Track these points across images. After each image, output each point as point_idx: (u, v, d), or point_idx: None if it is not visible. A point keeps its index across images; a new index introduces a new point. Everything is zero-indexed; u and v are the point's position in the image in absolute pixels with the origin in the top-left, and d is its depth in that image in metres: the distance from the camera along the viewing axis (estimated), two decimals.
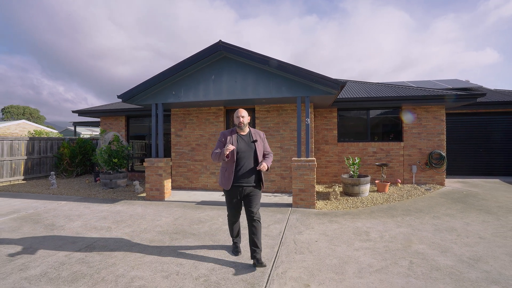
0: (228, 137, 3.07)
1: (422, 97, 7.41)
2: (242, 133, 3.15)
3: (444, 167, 7.68)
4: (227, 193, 3.14)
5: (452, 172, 9.08)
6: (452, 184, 7.79)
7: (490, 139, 9.00)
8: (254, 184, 3.10)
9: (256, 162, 3.10)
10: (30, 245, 3.69)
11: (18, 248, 3.60)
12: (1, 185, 8.66)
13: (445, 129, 7.81)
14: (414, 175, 7.83)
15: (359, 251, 3.45)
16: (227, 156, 2.98)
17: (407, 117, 7.94)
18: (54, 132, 20.74)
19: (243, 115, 3.13)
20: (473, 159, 9.09)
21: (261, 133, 3.29)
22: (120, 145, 8.37)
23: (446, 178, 8.60)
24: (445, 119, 8.96)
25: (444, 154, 7.60)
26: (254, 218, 3.06)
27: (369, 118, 8.24)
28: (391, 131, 8.25)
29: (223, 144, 3.08)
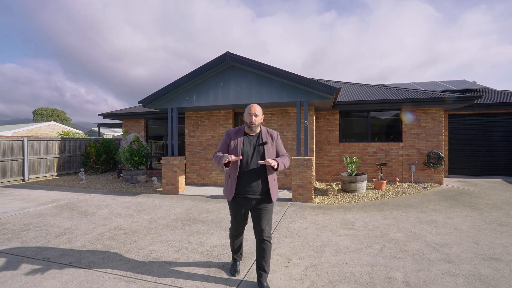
0: (232, 140, 2.59)
1: (419, 100, 7.74)
2: (251, 134, 2.64)
3: (443, 166, 7.95)
4: (230, 204, 2.69)
5: (455, 172, 9.28)
6: (451, 183, 8.05)
7: (494, 139, 9.11)
8: (262, 196, 2.57)
9: (265, 168, 2.57)
10: (70, 226, 4.54)
11: (61, 228, 4.46)
12: (39, 179, 9.86)
13: (443, 130, 8.08)
14: (412, 174, 8.16)
15: (341, 237, 4.01)
16: (227, 165, 2.51)
17: (406, 119, 8.28)
18: (80, 133, 22.35)
19: (257, 114, 2.56)
20: (476, 159, 9.23)
21: (275, 133, 2.69)
22: (140, 145, 9.29)
23: (448, 177, 8.87)
24: (449, 119, 9.21)
25: (442, 154, 7.88)
26: (264, 238, 2.55)
27: (369, 120, 8.64)
28: (391, 132, 8.61)
29: (227, 146, 2.63)
